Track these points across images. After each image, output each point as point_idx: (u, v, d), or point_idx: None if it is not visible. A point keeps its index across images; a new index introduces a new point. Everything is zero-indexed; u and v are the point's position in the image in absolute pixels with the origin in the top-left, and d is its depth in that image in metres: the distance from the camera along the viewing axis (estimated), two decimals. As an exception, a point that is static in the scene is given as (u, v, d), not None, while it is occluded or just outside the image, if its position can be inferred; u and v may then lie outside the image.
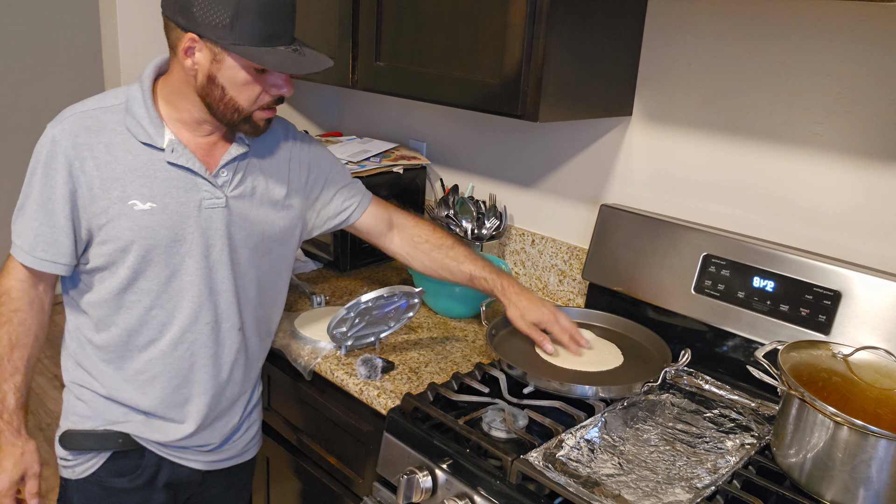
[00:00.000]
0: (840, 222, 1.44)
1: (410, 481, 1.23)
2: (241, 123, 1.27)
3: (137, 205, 1.24)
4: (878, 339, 1.30)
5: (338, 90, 2.52)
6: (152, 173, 1.25)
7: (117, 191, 1.23)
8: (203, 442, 1.41)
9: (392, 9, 1.68)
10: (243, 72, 1.21)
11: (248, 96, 1.23)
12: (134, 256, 1.25)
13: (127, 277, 1.27)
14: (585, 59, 1.52)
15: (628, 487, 1.09)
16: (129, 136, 1.24)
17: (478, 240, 1.96)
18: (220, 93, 1.22)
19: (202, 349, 1.34)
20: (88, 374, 1.35)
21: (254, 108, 1.25)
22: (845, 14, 1.35)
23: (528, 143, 1.95)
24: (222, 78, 1.21)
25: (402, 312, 1.57)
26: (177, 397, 1.35)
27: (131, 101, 1.26)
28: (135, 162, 1.24)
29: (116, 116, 1.25)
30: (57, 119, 1.25)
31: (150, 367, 1.33)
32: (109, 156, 1.23)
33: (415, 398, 1.33)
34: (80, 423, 1.36)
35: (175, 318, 1.31)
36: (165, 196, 1.25)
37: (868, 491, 1.04)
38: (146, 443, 1.37)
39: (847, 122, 1.39)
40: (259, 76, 1.22)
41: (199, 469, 1.44)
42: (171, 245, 1.27)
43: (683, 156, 1.64)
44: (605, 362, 1.45)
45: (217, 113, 1.25)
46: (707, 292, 1.52)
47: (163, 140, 1.25)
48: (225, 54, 1.19)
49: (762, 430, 1.27)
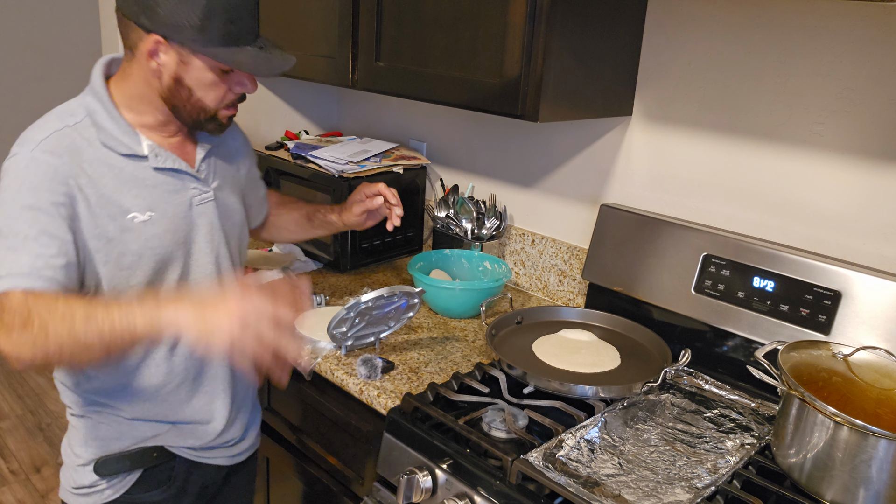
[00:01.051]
0: (840, 222, 1.44)
1: (410, 481, 1.23)
2: (206, 123, 1.26)
3: (137, 217, 1.21)
4: (878, 339, 1.30)
5: (338, 90, 2.52)
6: (142, 182, 1.22)
7: (114, 206, 1.19)
8: (229, 438, 1.41)
9: (392, 9, 1.68)
10: (211, 73, 1.19)
11: (215, 96, 1.23)
12: (145, 269, 1.23)
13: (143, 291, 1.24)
14: (585, 59, 1.52)
15: (628, 487, 1.09)
16: (108, 150, 1.19)
17: (478, 240, 1.96)
18: (187, 94, 1.21)
19: None
20: (105, 405, 1.30)
21: (219, 106, 1.25)
22: (845, 14, 1.35)
23: (528, 143, 1.95)
24: (189, 79, 1.19)
25: (402, 312, 1.57)
26: (202, 399, 1.35)
27: (94, 114, 1.20)
28: (122, 175, 1.20)
29: (87, 133, 1.19)
30: (27, 144, 1.15)
31: (172, 379, 1.31)
32: (97, 173, 1.18)
33: (415, 398, 1.33)
34: (110, 446, 1.31)
35: None
36: (161, 202, 1.24)
37: (868, 491, 1.04)
38: (179, 450, 1.36)
39: (847, 122, 1.39)
40: (224, 76, 1.21)
41: (224, 465, 1.45)
42: (177, 248, 1.27)
43: (683, 156, 1.64)
44: (602, 364, 1.45)
45: (182, 114, 1.24)
46: (707, 292, 1.52)
47: (142, 147, 1.22)
48: (193, 56, 1.17)
49: (762, 430, 1.27)
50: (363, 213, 1.56)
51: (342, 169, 1.98)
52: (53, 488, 2.78)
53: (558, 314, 1.66)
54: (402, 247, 2.17)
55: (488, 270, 1.88)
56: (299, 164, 2.08)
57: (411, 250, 2.20)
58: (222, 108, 1.25)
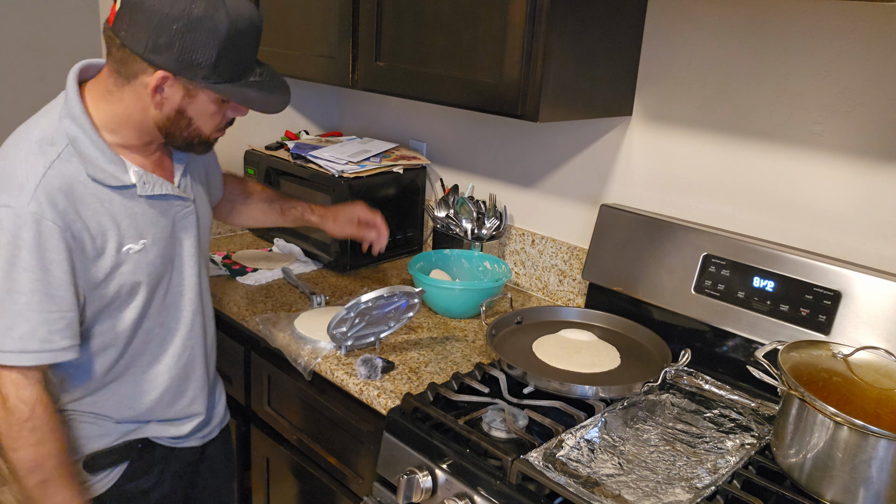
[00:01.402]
0: (840, 222, 1.44)
1: (410, 481, 1.23)
2: (198, 146, 1.27)
3: (133, 248, 1.22)
4: (878, 339, 1.30)
5: (338, 90, 2.52)
6: (133, 213, 1.22)
7: (111, 242, 1.19)
8: (204, 423, 1.47)
9: (392, 9, 1.68)
10: (213, 104, 1.20)
11: (213, 124, 1.24)
12: (142, 295, 1.25)
13: (136, 316, 1.26)
14: (585, 59, 1.52)
15: (628, 487, 1.09)
16: (98, 185, 1.17)
17: (478, 240, 1.96)
18: (187, 123, 1.21)
19: (199, 348, 1.40)
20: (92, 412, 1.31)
21: (215, 132, 1.27)
22: (845, 14, 1.35)
23: (528, 143, 1.95)
24: (192, 111, 1.19)
25: (402, 312, 1.57)
26: (183, 401, 1.40)
27: (76, 142, 1.15)
28: (114, 208, 1.19)
29: (72, 165, 1.14)
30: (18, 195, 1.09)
31: (157, 387, 1.34)
32: (90, 211, 1.16)
33: (415, 398, 1.33)
34: (95, 443, 1.32)
35: (173, 331, 1.34)
36: (150, 227, 1.25)
37: (868, 491, 1.04)
38: (160, 440, 1.40)
39: (847, 122, 1.39)
40: (223, 105, 1.22)
41: (198, 446, 1.49)
42: (166, 267, 1.29)
43: (683, 156, 1.64)
44: (602, 364, 1.45)
45: (177, 140, 1.23)
46: (707, 292, 1.52)
47: (129, 176, 1.20)
48: (200, 90, 1.16)
49: (762, 430, 1.27)
50: (350, 235, 1.62)
51: (342, 169, 1.98)
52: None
53: (558, 314, 1.66)
54: (402, 247, 2.17)
55: (488, 270, 1.88)
56: (299, 164, 2.08)
57: (411, 250, 2.20)
58: (215, 132, 1.27)
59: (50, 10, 3.99)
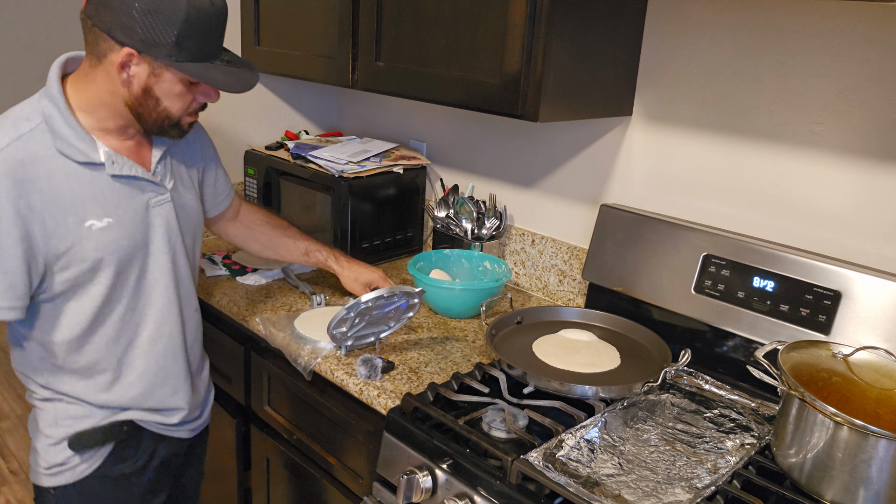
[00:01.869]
0: (840, 222, 1.44)
1: (410, 481, 1.23)
2: (169, 129, 1.30)
3: (95, 224, 1.24)
4: (878, 339, 1.30)
5: (338, 90, 2.52)
6: (100, 191, 1.25)
7: (71, 217, 1.22)
8: (191, 416, 1.51)
9: (392, 9, 1.68)
10: (180, 84, 1.24)
11: (181, 105, 1.27)
12: (107, 273, 1.28)
13: (103, 294, 1.29)
14: (585, 59, 1.52)
15: (628, 487, 1.09)
16: (65, 159, 1.21)
17: (478, 240, 1.96)
18: (155, 103, 1.24)
19: (177, 338, 1.42)
20: (69, 395, 1.35)
21: (183, 114, 1.29)
22: (845, 14, 1.35)
23: (528, 143, 1.95)
24: (159, 90, 1.23)
25: (402, 312, 1.57)
26: (165, 390, 1.42)
27: (50, 119, 1.21)
28: (79, 185, 1.22)
29: (42, 140, 1.20)
30: None
31: (133, 371, 1.37)
32: (52, 185, 1.20)
33: (415, 398, 1.33)
34: (80, 423, 1.35)
35: (148, 316, 1.37)
36: (118, 208, 1.27)
37: (868, 491, 1.04)
38: (148, 425, 1.43)
39: (847, 122, 1.39)
40: (191, 87, 1.26)
41: (186, 438, 1.53)
42: (135, 251, 1.31)
43: (683, 156, 1.64)
44: (602, 364, 1.45)
45: (147, 121, 1.27)
46: (707, 292, 1.52)
47: (98, 154, 1.24)
48: (165, 69, 1.21)
49: (762, 430, 1.27)
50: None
51: (342, 169, 1.98)
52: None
53: (558, 314, 1.66)
54: (402, 247, 2.17)
55: (488, 270, 1.88)
56: (299, 164, 2.08)
57: (411, 250, 2.20)
58: (185, 116, 1.30)
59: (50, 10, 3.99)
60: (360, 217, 2.01)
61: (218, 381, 1.92)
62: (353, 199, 1.97)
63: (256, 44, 2.15)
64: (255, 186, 2.24)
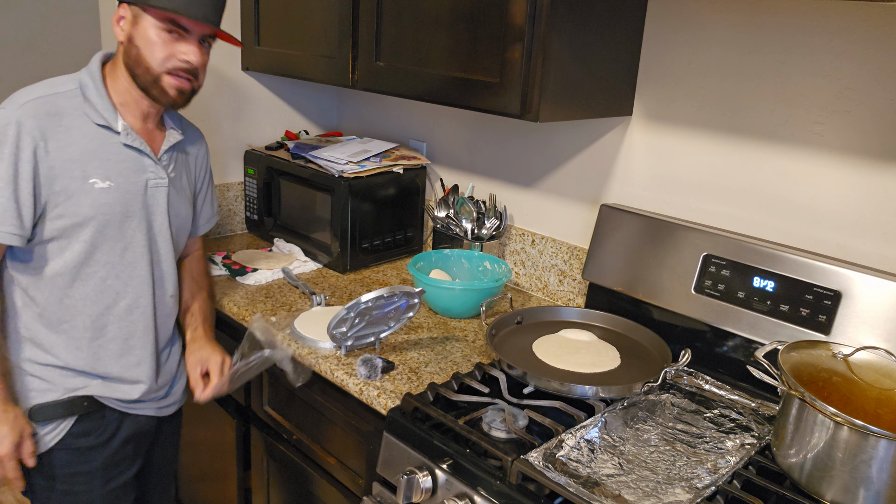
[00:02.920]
0: (840, 222, 1.44)
1: (410, 481, 1.23)
2: (152, 86, 1.39)
3: (98, 183, 1.37)
4: (878, 339, 1.30)
5: (338, 90, 2.52)
6: (108, 154, 1.39)
7: (78, 170, 1.35)
8: (154, 395, 1.57)
9: (392, 9, 1.68)
10: (154, 31, 1.35)
11: (158, 56, 1.37)
12: (90, 231, 1.38)
13: (83, 251, 1.39)
14: (585, 59, 1.52)
15: (628, 487, 1.09)
16: (87, 119, 1.37)
17: (478, 240, 1.96)
18: (136, 52, 1.37)
19: (148, 314, 1.50)
20: (40, 348, 1.44)
21: (162, 69, 1.38)
22: (845, 14, 1.35)
23: (528, 143, 1.95)
24: (138, 38, 1.36)
25: (402, 312, 1.57)
26: (130, 359, 1.50)
27: (84, 88, 1.38)
28: (92, 144, 1.37)
29: (72, 101, 1.37)
30: (12, 103, 1.33)
31: (105, 334, 1.46)
32: (69, 138, 1.35)
33: (415, 398, 1.33)
34: (43, 397, 1.44)
35: (129, 287, 1.47)
36: (119, 175, 1.40)
37: (868, 491, 1.04)
38: (108, 401, 1.50)
39: (847, 122, 1.39)
40: (169, 42, 1.37)
41: (154, 416, 1.60)
42: (123, 220, 1.42)
43: (683, 156, 1.64)
44: (602, 364, 1.45)
45: (136, 77, 1.38)
46: (707, 292, 1.52)
47: (117, 124, 1.40)
48: (142, 13, 1.35)
49: (762, 430, 1.27)
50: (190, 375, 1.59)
51: (342, 169, 1.98)
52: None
53: (558, 314, 1.66)
54: (402, 247, 2.17)
55: (488, 270, 1.88)
56: (299, 164, 2.08)
57: (411, 250, 2.20)
58: (165, 73, 1.38)
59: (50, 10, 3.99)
60: (360, 217, 2.01)
61: (218, 381, 1.92)
62: (353, 199, 1.97)
63: (256, 44, 2.15)
64: (254, 186, 2.24)
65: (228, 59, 2.21)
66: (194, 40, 1.39)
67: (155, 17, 1.35)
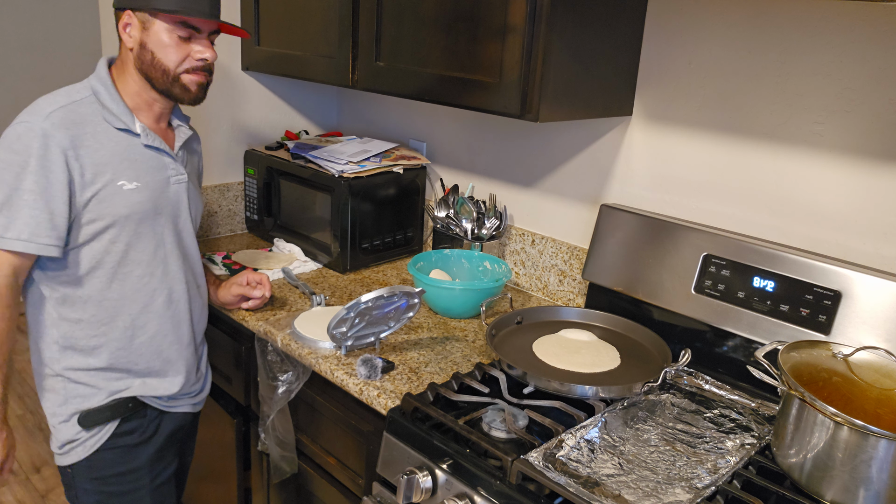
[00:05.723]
0: (840, 222, 1.44)
1: (410, 481, 1.23)
2: (173, 87, 1.43)
3: (126, 185, 1.40)
4: (878, 339, 1.30)
5: (338, 90, 2.52)
6: (133, 156, 1.42)
7: (108, 174, 1.38)
8: (191, 389, 1.61)
9: (392, 9, 1.68)
10: (166, 34, 1.38)
11: (174, 58, 1.40)
12: (124, 231, 1.42)
13: (119, 251, 1.42)
14: (586, 59, 1.52)
15: (628, 487, 1.09)
16: (107, 125, 1.40)
17: (478, 240, 1.96)
18: (150, 57, 1.40)
19: (184, 308, 1.55)
20: (82, 353, 1.46)
21: (180, 70, 1.42)
22: (845, 14, 1.35)
23: (528, 143, 1.95)
24: (151, 43, 1.39)
25: (402, 312, 1.57)
26: (169, 354, 1.54)
27: (98, 94, 1.41)
28: (118, 148, 1.40)
29: (91, 108, 1.39)
30: (36, 115, 1.34)
31: (146, 331, 1.49)
32: (97, 143, 1.37)
33: (415, 398, 1.33)
34: (87, 402, 1.47)
35: (164, 283, 1.50)
36: (146, 175, 1.44)
37: (868, 491, 1.04)
38: (149, 400, 1.54)
39: (847, 122, 1.39)
40: (182, 43, 1.40)
41: (191, 412, 1.66)
42: (154, 218, 1.46)
43: (683, 156, 1.64)
44: (602, 364, 1.45)
45: (154, 80, 1.42)
46: (707, 292, 1.52)
47: (136, 127, 1.43)
48: (152, 19, 1.37)
49: (762, 430, 1.27)
50: (239, 295, 1.72)
51: (342, 169, 1.98)
52: (53, 488, 2.78)
53: (558, 314, 1.66)
54: (402, 247, 2.17)
55: (488, 270, 1.88)
56: (299, 164, 2.08)
57: (411, 250, 2.20)
58: (184, 73, 1.42)
59: (50, 10, 3.99)
60: (360, 217, 2.01)
61: (218, 381, 1.92)
62: (353, 199, 1.97)
63: (257, 44, 2.15)
64: (254, 186, 2.24)
65: (228, 59, 2.22)
66: (205, 37, 1.44)
67: (165, 20, 1.37)
